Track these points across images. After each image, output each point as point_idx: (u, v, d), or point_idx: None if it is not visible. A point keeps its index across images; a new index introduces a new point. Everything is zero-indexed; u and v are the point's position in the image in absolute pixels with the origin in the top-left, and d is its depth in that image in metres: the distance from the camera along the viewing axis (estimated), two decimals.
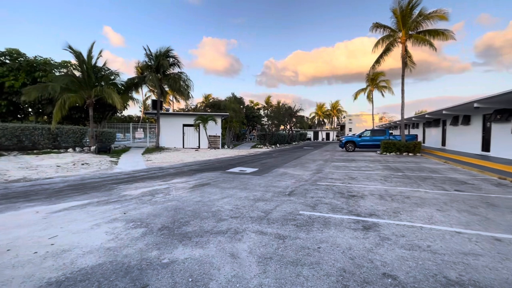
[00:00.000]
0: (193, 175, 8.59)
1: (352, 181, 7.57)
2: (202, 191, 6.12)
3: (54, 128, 14.48)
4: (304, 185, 6.94)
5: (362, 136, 20.56)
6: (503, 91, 10.94)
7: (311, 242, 3.22)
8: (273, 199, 5.36)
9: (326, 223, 3.93)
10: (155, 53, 19.26)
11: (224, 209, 4.61)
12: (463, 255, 2.90)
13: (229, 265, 2.64)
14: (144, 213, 4.34)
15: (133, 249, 2.99)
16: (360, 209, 4.71)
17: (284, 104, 33.61)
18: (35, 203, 4.95)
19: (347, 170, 9.79)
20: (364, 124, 54.77)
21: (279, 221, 3.99)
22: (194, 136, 22.76)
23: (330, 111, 68.87)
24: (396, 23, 16.76)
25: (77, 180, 7.52)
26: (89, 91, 15.40)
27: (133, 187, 6.52)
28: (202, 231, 3.57)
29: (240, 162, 12.52)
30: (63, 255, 2.81)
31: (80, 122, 19.80)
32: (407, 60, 16.99)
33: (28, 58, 17.63)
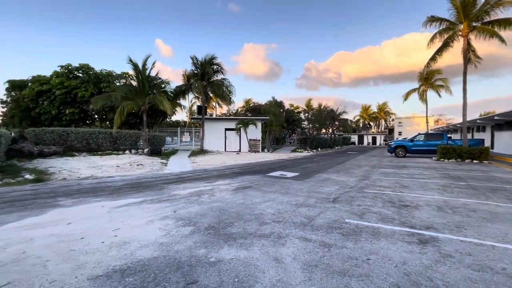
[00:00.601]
0: (235, 177, 8.83)
1: (404, 189, 6.95)
2: (245, 193, 6.25)
3: (115, 132, 16.33)
4: (349, 192, 6.61)
5: (415, 140, 18.77)
6: None
7: (359, 253, 3.04)
8: (316, 205, 5.21)
9: (376, 234, 3.67)
10: (201, 62, 20.47)
11: (267, 213, 4.63)
12: None
13: (274, 269, 2.63)
14: (192, 212, 4.60)
15: (183, 245, 3.19)
16: (415, 220, 4.29)
17: (325, 107, 32.58)
18: (101, 199, 5.63)
19: (397, 178, 9.03)
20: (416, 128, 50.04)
21: (323, 228, 3.86)
22: (235, 139, 23.44)
23: (376, 113, 64.47)
24: (456, 15, 15.02)
25: (134, 180, 8.33)
26: (143, 99, 17.01)
27: (181, 187, 6.97)
28: (246, 233, 3.64)
29: (280, 166, 12.48)
30: (125, 247, 3.14)
31: (135, 127, 21.97)
32: (470, 55, 15.07)
33: (96, 71, 20.26)
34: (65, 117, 18.93)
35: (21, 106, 18.88)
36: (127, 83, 19.50)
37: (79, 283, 2.35)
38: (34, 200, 5.45)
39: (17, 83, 19.19)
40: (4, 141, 9.00)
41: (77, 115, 19.21)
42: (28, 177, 7.97)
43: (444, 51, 16.04)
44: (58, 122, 19.16)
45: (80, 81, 18.99)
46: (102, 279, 2.42)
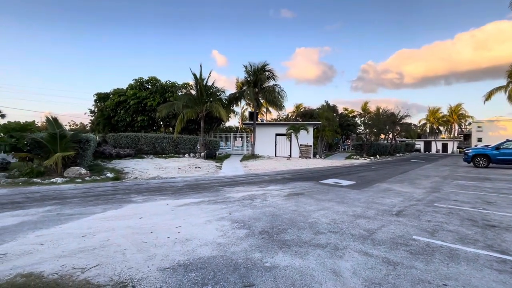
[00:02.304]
0: (287, 183, 8.76)
1: (488, 206, 5.87)
2: (297, 200, 6.14)
3: (176, 137, 18.01)
4: (415, 205, 5.89)
5: (502, 148, 15.74)
6: None
7: (432, 276, 2.67)
8: (377, 218, 4.78)
9: (453, 256, 3.17)
10: (253, 69, 21.11)
11: (321, 222, 4.45)
12: None
13: (331, 282, 2.50)
14: (246, 216, 4.72)
15: (239, 247, 3.28)
16: (506, 244, 3.57)
17: (385, 110, 29.98)
18: (165, 197, 6.23)
19: (479, 192, 7.68)
20: (501, 133, 42.11)
21: (386, 244, 3.51)
22: (285, 145, 23.33)
23: (448, 116, 56.27)
24: None
25: (193, 181, 8.99)
26: (201, 107, 18.37)
27: (235, 191, 7.23)
28: (301, 241, 3.56)
29: (334, 173, 11.90)
30: (187, 243, 3.39)
31: (193, 132, 23.82)
32: None
33: (162, 83, 22.77)
34: (137, 123, 21.70)
35: (104, 114, 22.38)
36: (187, 92, 21.38)
37: (151, 272, 2.62)
38: (113, 196, 6.35)
39: (102, 95, 22.86)
40: (92, 145, 10.78)
41: (146, 122, 21.82)
42: (109, 175, 9.36)
43: None
44: (131, 128, 22.07)
45: (149, 92, 21.59)
46: (169, 271, 2.65)
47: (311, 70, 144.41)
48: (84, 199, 5.90)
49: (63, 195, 6.37)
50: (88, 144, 10.14)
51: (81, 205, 5.38)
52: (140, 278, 2.50)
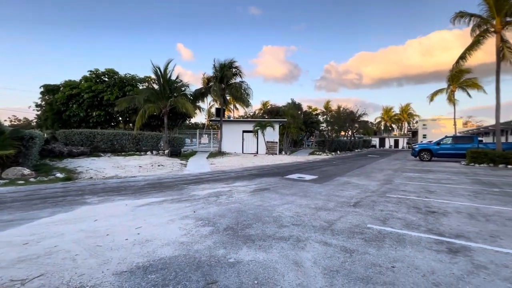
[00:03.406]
0: (253, 179, 8.84)
1: (430, 195, 6.60)
2: (262, 195, 6.23)
3: (136, 134, 17.00)
4: (370, 196, 6.38)
5: (441, 143, 17.83)
6: None
7: (383, 260, 2.92)
8: (336, 209, 5.08)
9: (400, 241, 3.50)
10: (220, 65, 20.76)
11: (285, 216, 4.58)
12: None
13: (293, 273, 2.59)
14: (211, 213, 4.66)
15: (203, 245, 3.22)
16: (443, 228, 4.05)
17: (345, 109, 31.83)
18: (124, 197, 5.85)
19: (423, 182, 8.60)
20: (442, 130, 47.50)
21: (344, 233, 3.75)
22: (252, 141, 23.51)
23: (399, 115, 61.95)
24: (488, 10, 14.15)
25: (155, 180, 8.59)
26: (164, 102, 17.57)
27: (200, 188, 7.08)
28: (265, 235, 3.62)
29: (298, 169, 12.33)
30: (147, 244, 3.23)
31: (156, 129, 22.72)
32: (505, 52, 14.10)
33: (120, 76, 21.23)
34: (92, 119, 19.98)
35: (54, 109, 20.17)
36: (149, 86, 20.26)
37: (105, 277, 2.44)
38: (64, 198, 5.78)
39: (50, 88, 20.53)
40: (38, 142, 9.65)
41: (103, 117, 20.19)
42: (59, 176, 8.48)
43: (474, 49, 15.14)
44: (86, 124, 20.26)
45: (106, 85, 19.98)
46: (126, 275, 2.50)
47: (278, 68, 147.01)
48: (27, 203, 5.26)
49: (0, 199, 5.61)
50: (33, 142, 9.06)
51: (23, 209, 4.79)
52: (93, 285, 2.32)
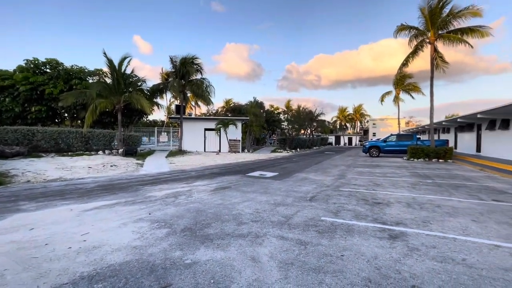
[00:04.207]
0: (214, 178, 8.73)
1: (377, 187, 7.27)
2: (223, 194, 6.20)
3: (86, 131, 15.49)
4: (325, 190, 6.79)
5: (387, 141, 19.74)
6: None
7: (334, 250, 3.13)
8: (294, 204, 5.29)
9: (350, 231, 3.80)
10: (181, 60, 19.96)
11: (245, 213, 4.63)
12: (503, 270, 2.66)
13: (250, 269, 2.63)
14: (168, 214, 4.48)
15: (158, 248, 3.09)
16: (386, 217, 4.50)
17: (304, 108, 33.24)
18: (69, 202, 5.30)
19: (371, 176, 9.43)
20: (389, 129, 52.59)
21: (300, 227, 3.93)
22: (215, 140, 23.19)
23: (352, 115, 66.93)
24: (425, 23, 16.02)
25: (106, 181, 7.94)
26: (118, 97, 16.30)
27: (158, 189, 6.76)
28: (223, 233, 3.61)
29: (260, 166, 12.53)
30: (94, 251, 2.97)
31: (109, 126, 20.98)
32: (438, 61, 16.13)
33: (66, 67, 19.08)
34: (31, 115, 17.64)
35: None
36: (100, 80, 18.58)
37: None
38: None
39: None
40: None
41: (44, 113, 17.96)
42: None
43: (414, 57, 17.03)
44: (23, 120, 17.81)
45: (47, 77, 17.77)
46: (67, 287, 2.27)
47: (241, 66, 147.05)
48: None
49: None
50: None
51: None
52: None
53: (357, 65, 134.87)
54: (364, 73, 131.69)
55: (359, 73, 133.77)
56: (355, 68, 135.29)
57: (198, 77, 21.10)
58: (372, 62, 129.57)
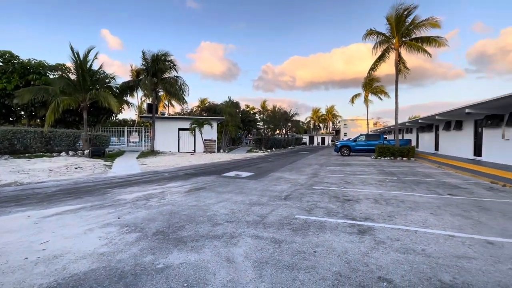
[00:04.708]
0: (189, 179, 8.54)
1: (347, 185, 7.61)
2: (198, 195, 6.08)
3: (47, 131, 14.31)
4: (299, 189, 6.96)
5: (357, 140, 20.76)
6: (494, 97, 11.20)
7: (307, 246, 3.22)
8: (269, 203, 5.35)
9: (322, 227, 3.93)
10: (152, 57, 19.19)
11: (220, 214, 4.59)
12: (456, 258, 2.93)
13: (225, 270, 2.62)
14: (139, 218, 4.29)
15: (127, 254, 2.95)
16: (356, 213, 4.73)
17: (279, 109, 33.75)
18: (26, 208, 4.85)
19: (342, 175, 9.85)
20: (359, 129, 55.28)
21: (275, 225, 3.99)
22: (189, 140, 22.67)
23: (325, 115, 69.38)
24: (390, 30, 17.08)
25: (70, 184, 7.40)
26: (84, 94, 15.27)
27: (128, 191, 6.45)
28: (198, 235, 3.55)
29: (235, 166, 12.49)
30: (55, 261, 2.76)
31: (73, 125, 19.58)
32: (401, 66, 17.29)
33: (22, 61, 17.45)
34: None
35: None
36: (63, 76, 17.25)
37: None
38: None
39: None
40: None
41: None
42: None
43: (381, 61, 18.08)
44: None
45: (0, 71, 16.12)
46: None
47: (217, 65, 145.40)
48: None
49: None
50: None
51: None
52: None
53: (330, 67, 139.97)
54: (336, 76, 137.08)
55: (331, 75, 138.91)
56: (328, 70, 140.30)
57: (172, 75, 20.47)
58: (344, 65, 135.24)
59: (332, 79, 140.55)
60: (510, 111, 11.94)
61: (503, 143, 12.50)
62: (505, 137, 12.34)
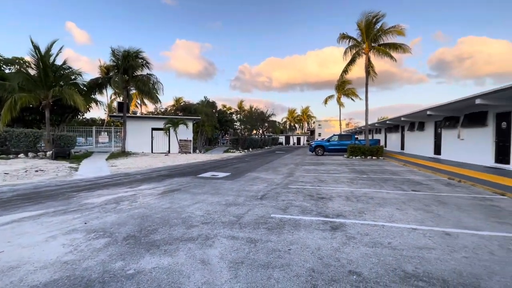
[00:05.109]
0: (162, 180, 8.27)
1: (321, 183, 7.86)
2: (172, 197, 5.92)
3: (2, 131, 13.04)
4: (275, 188, 7.05)
5: (331, 140, 21.52)
6: (451, 101, 12.25)
7: (282, 245, 3.28)
8: (245, 203, 5.36)
9: (297, 225, 4.03)
10: (123, 54, 18.29)
11: (195, 215, 4.50)
12: (418, 249, 3.15)
13: (200, 272, 2.58)
14: (108, 222, 4.07)
15: (95, 261, 2.78)
16: (329, 210, 4.91)
17: (256, 109, 33.98)
18: None
19: (316, 173, 10.15)
20: (332, 129, 57.35)
21: (251, 225, 4.00)
22: (163, 140, 21.97)
23: (301, 116, 71.09)
24: (361, 35, 17.93)
25: (30, 189, 6.82)
26: (45, 91, 14.15)
27: (96, 195, 6.09)
28: (171, 238, 3.45)
29: (212, 167, 12.34)
30: (11, 273, 2.52)
31: (34, 124, 18.04)
32: (370, 70, 18.23)
33: None
34: None
35: None
36: (21, 70, 15.83)
37: None
38: None
39: None
40: None
41: None
42: None
43: (352, 65, 18.92)
44: None
45: None
46: None
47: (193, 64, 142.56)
48: None
49: None
50: None
51: None
52: None
53: (305, 69, 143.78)
54: (311, 77, 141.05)
55: (307, 77, 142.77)
56: (303, 72, 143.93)
57: (144, 73, 19.70)
58: (318, 67, 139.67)
59: (307, 80, 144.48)
60: (465, 113, 13.12)
61: (459, 142, 13.71)
62: (460, 137, 13.54)
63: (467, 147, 13.00)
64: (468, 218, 4.42)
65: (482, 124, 11.77)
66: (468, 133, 12.94)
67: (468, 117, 12.87)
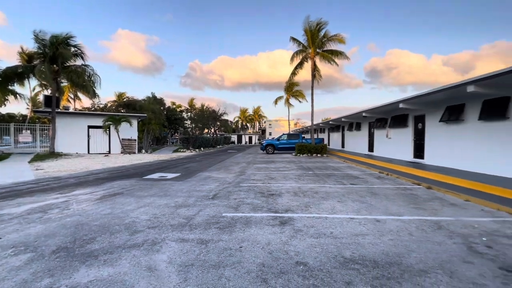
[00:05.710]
0: (102, 184, 7.48)
1: (271, 181, 8.15)
2: (113, 202, 5.40)
3: None
4: (227, 187, 7.04)
5: (280, 139, 22.45)
6: (381, 104, 14.00)
7: (233, 243, 3.30)
8: (196, 204, 5.22)
9: (248, 223, 4.10)
10: (51, 40, 15.86)
11: (140, 220, 4.20)
12: (355, 236, 3.53)
13: (145, 280, 2.42)
14: (31, 235, 3.50)
15: (13, 281, 2.37)
16: (278, 206, 5.12)
17: (208, 107, 33.32)
18: None
19: (267, 171, 10.48)
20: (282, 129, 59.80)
21: (201, 226, 3.92)
22: (102, 139, 19.85)
23: (252, 116, 72.25)
24: (307, 41, 19.11)
25: None
26: None
27: (15, 204, 5.17)
28: (112, 246, 3.15)
29: (160, 168, 11.66)
30: None
31: None
32: (316, 74, 19.59)
33: None
34: None
35: None
36: None
37: None
38: None
39: None
40: None
41: None
42: None
43: (300, 68, 20.06)
44: None
45: None
46: None
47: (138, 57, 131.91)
48: None
49: None
50: None
51: None
52: None
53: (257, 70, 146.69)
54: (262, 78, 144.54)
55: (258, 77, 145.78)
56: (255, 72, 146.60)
57: (79, 63, 17.46)
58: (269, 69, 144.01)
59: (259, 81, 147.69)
60: (392, 115, 15.16)
61: (387, 141, 15.77)
62: (388, 136, 15.59)
63: (394, 145, 15.05)
64: (393, 206, 5.13)
65: (404, 125, 13.77)
66: (395, 132, 14.99)
67: (394, 119, 14.90)
